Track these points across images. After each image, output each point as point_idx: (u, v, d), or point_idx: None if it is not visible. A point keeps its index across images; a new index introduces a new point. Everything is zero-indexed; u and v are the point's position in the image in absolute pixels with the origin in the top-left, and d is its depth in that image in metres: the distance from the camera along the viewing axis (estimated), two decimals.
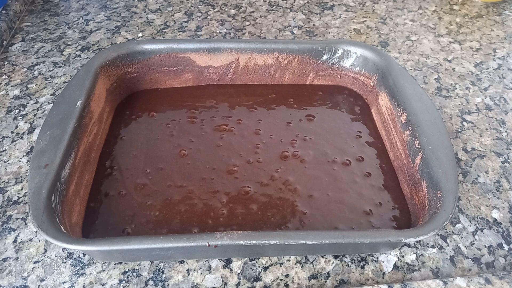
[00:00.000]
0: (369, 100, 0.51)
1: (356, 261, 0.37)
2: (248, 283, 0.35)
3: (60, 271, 0.35)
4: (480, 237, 0.39)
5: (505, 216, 0.41)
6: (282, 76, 0.53)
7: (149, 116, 0.48)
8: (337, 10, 0.72)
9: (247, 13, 0.70)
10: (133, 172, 0.42)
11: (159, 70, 0.50)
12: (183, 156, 0.44)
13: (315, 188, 0.41)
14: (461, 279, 0.34)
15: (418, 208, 0.38)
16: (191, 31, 0.65)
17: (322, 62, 0.51)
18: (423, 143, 0.39)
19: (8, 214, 0.39)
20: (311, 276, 0.36)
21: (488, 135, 0.49)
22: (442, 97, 0.54)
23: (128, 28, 0.65)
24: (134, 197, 0.39)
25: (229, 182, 0.41)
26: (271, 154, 0.44)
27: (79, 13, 0.68)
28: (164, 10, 0.70)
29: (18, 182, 0.42)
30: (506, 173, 0.45)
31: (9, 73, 0.55)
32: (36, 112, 0.50)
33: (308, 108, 0.50)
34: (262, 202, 0.40)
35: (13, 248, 0.37)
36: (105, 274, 0.35)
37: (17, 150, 0.45)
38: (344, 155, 0.45)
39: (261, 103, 0.51)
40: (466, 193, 0.43)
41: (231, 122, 0.48)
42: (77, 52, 0.59)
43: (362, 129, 0.48)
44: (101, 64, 0.46)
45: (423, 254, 0.37)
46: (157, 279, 0.35)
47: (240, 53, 0.50)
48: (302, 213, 0.39)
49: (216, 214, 0.38)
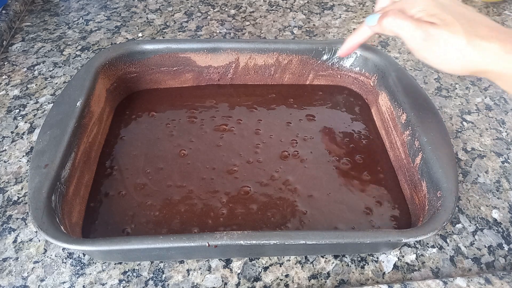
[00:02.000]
0: (369, 100, 0.51)
1: (356, 261, 0.37)
2: (248, 283, 0.35)
3: (60, 271, 0.35)
4: (480, 237, 0.39)
5: (505, 216, 0.41)
6: (282, 76, 0.53)
7: (149, 116, 0.48)
8: (337, 10, 0.72)
9: (247, 13, 0.70)
10: (133, 172, 0.42)
11: (159, 70, 0.50)
12: (183, 156, 0.44)
13: (315, 188, 0.41)
14: (461, 279, 0.34)
15: (418, 208, 0.38)
16: (191, 31, 0.65)
17: (322, 62, 0.51)
18: (423, 143, 0.39)
19: (8, 214, 0.39)
20: (311, 276, 0.36)
21: (488, 135, 0.49)
22: (442, 97, 0.54)
23: (128, 28, 0.65)
24: (134, 197, 0.39)
25: (229, 182, 0.41)
26: (271, 154, 0.44)
27: (79, 13, 0.68)
28: (164, 10, 0.70)
29: (18, 182, 0.42)
30: (506, 173, 0.45)
31: (9, 73, 0.55)
32: (36, 112, 0.50)
33: (308, 108, 0.50)
34: (262, 202, 0.40)
35: (13, 248, 0.37)
36: (105, 274, 0.35)
37: (17, 150, 0.45)
38: (344, 155, 0.45)
39: (261, 103, 0.51)
40: (466, 193, 0.43)
41: (231, 122, 0.48)
42: (77, 52, 0.59)
43: (362, 129, 0.48)
44: (101, 64, 0.46)
45: (423, 254, 0.37)
46: (157, 279, 0.35)
47: (240, 53, 0.50)
48: (302, 213, 0.39)
49: (216, 214, 0.38)
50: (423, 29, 0.32)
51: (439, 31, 0.31)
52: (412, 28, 0.32)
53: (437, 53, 0.32)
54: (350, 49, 0.42)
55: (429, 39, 0.32)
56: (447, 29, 0.31)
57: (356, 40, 0.40)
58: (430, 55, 0.33)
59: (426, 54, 0.33)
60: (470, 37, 0.30)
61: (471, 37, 0.30)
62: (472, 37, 0.30)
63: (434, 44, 0.32)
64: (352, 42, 0.41)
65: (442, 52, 0.32)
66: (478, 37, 0.30)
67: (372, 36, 0.39)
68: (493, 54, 0.30)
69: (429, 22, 0.32)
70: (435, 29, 0.31)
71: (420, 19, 0.33)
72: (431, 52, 0.32)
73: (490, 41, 0.30)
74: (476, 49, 0.30)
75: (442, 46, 0.31)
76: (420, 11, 0.33)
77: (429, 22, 0.32)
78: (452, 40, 0.31)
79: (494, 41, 0.30)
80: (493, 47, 0.30)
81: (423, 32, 0.32)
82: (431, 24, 0.32)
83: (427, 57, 0.33)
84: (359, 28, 0.39)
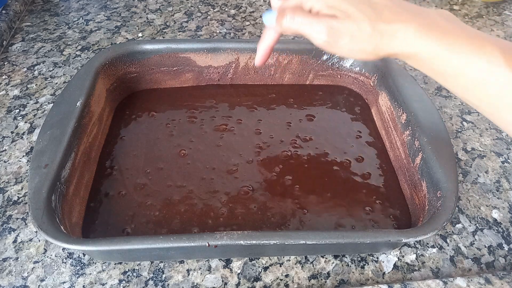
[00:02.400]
0: (369, 100, 0.51)
1: (356, 261, 0.37)
2: (248, 283, 0.35)
3: (60, 271, 0.35)
4: (480, 237, 0.39)
5: (505, 216, 0.41)
6: (282, 76, 0.53)
7: (149, 116, 0.48)
8: None
9: (247, 13, 0.70)
10: (133, 172, 0.42)
11: (159, 70, 0.50)
12: (183, 156, 0.44)
13: (315, 188, 0.41)
14: (461, 279, 0.34)
15: (418, 208, 0.38)
16: (191, 31, 0.65)
17: (322, 62, 0.51)
18: (423, 143, 0.39)
19: (8, 214, 0.39)
20: (311, 276, 0.36)
21: (488, 135, 0.49)
22: (442, 97, 0.54)
23: (128, 28, 0.65)
24: (134, 197, 0.39)
25: (229, 182, 0.41)
26: (271, 154, 0.44)
27: (79, 13, 0.68)
28: (164, 10, 0.70)
29: (18, 182, 0.42)
30: (506, 173, 0.45)
31: (9, 73, 0.55)
32: (36, 112, 0.50)
33: (308, 108, 0.50)
34: (262, 202, 0.40)
35: (13, 248, 0.37)
36: (105, 274, 0.35)
37: (17, 150, 0.45)
38: (344, 155, 0.45)
39: (261, 103, 0.51)
40: (466, 193, 0.43)
41: (231, 122, 0.48)
42: (77, 52, 0.59)
43: (362, 129, 0.48)
44: (101, 64, 0.46)
45: (423, 254, 0.37)
46: (157, 279, 0.35)
47: (240, 53, 0.50)
48: (302, 213, 0.39)
49: (216, 214, 0.38)
50: (324, 24, 0.30)
51: (341, 24, 0.30)
52: (313, 25, 0.31)
53: (345, 46, 0.30)
54: (263, 56, 0.39)
55: (333, 34, 0.30)
56: (349, 20, 0.30)
57: (265, 45, 0.38)
58: (338, 49, 0.31)
59: (335, 48, 0.31)
60: (374, 24, 0.29)
61: (375, 24, 0.29)
62: (376, 23, 0.29)
63: (339, 37, 0.30)
64: (263, 48, 0.38)
65: (349, 44, 0.30)
66: (382, 21, 0.29)
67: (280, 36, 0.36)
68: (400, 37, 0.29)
69: (329, 15, 0.30)
70: (336, 23, 0.30)
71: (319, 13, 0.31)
72: (339, 46, 0.31)
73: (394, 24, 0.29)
74: (382, 35, 0.29)
75: (348, 38, 0.30)
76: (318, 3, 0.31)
77: (329, 15, 0.30)
78: (356, 31, 0.29)
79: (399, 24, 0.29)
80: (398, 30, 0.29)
81: (325, 28, 0.30)
82: (332, 17, 0.30)
83: (337, 51, 0.31)
84: (264, 32, 0.37)
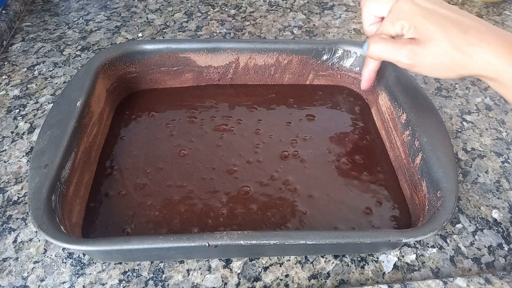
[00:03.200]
0: (369, 100, 0.51)
1: (356, 261, 0.37)
2: (248, 283, 0.35)
3: (60, 271, 0.35)
4: (480, 237, 0.39)
5: (505, 216, 0.41)
6: (282, 76, 0.53)
7: (149, 116, 0.48)
8: (337, 10, 0.72)
9: (247, 13, 0.70)
10: (133, 172, 0.42)
11: (159, 70, 0.50)
12: (183, 156, 0.44)
13: (315, 188, 0.41)
14: (461, 279, 0.34)
15: (418, 208, 0.38)
16: (191, 31, 0.65)
17: (322, 62, 0.51)
18: (423, 143, 0.39)
19: (8, 214, 0.39)
20: (311, 276, 0.36)
21: (488, 135, 0.49)
22: (442, 97, 0.54)
23: (128, 28, 0.65)
24: (134, 197, 0.39)
25: (229, 182, 0.41)
26: (271, 154, 0.44)
27: (79, 13, 0.68)
28: (164, 10, 0.70)
29: (18, 182, 0.42)
30: (506, 173, 0.45)
31: (9, 73, 0.55)
32: (36, 112, 0.50)
33: (308, 108, 0.50)
34: (262, 202, 0.40)
35: (13, 248, 0.37)
36: (105, 274, 0.35)
37: (17, 150, 0.45)
38: (344, 155, 0.45)
39: (261, 103, 0.51)
40: (466, 193, 0.43)
41: (231, 122, 0.48)
42: (77, 52, 0.59)
43: (362, 129, 0.48)
44: (101, 64, 0.46)
45: (423, 254, 0.37)
46: (157, 279, 0.35)
47: (240, 53, 0.50)
48: (302, 213, 0.39)
49: (216, 214, 0.38)
50: (406, 49, 0.32)
51: (422, 49, 0.31)
52: (395, 52, 0.33)
53: (427, 67, 0.32)
54: (368, 80, 0.43)
55: (415, 57, 0.32)
56: (430, 43, 0.31)
57: (369, 70, 0.42)
58: (422, 69, 0.32)
59: (418, 69, 0.33)
60: (456, 44, 0.30)
61: (457, 44, 0.30)
62: (458, 44, 0.30)
63: (421, 59, 0.31)
64: (367, 73, 0.42)
65: (431, 64, 0.31)
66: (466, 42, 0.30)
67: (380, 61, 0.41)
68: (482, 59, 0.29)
69: (409, 39, 0.32)
70: (418, 47, 0.31)
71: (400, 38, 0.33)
72: (421, 67, 0.32)
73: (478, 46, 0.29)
74: (465, 55, 0.30)
75: (429, 59, 0.31)
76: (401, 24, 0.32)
77: (409, 39, 0.32)
78: (438, 53, 0.30)
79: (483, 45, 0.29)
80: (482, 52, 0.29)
81: (406, 53, 0.32)
82: (411, 41, 0.32)
83: (421, 71, 0.33)
84: (366, 59, 0.42)
